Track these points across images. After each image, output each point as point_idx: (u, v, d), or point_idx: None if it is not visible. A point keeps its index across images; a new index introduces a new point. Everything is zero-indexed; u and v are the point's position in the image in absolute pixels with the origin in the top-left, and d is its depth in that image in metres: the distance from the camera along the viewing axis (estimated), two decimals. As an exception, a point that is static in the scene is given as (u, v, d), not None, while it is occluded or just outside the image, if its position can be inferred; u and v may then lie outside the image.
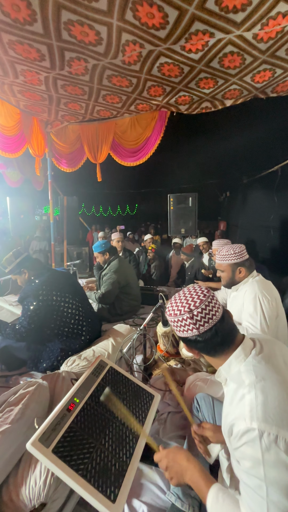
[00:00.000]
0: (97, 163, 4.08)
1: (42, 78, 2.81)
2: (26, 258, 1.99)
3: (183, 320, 0.81)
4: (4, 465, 0.95)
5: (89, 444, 0.94)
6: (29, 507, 0.90)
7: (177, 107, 3.45)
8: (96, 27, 2.07)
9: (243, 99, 3.22)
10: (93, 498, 0.81)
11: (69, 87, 2.99)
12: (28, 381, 1.25)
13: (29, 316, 1.80)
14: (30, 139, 3.76)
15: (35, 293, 1.82)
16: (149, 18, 1.97)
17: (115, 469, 0.91)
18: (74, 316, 1.92)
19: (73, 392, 1.08)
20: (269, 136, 4.86)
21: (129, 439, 1.04)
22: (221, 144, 5.58)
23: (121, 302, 2.81)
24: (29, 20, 2.02)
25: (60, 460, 0.85)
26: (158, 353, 1.93)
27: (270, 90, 3.00)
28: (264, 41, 2.17)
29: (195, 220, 4.14)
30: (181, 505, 0.96)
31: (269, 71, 2.62)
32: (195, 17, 1.94)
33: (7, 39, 2.22)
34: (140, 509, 1.01)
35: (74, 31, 2.12)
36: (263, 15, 1.91)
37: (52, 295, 1.84)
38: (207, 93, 3.08)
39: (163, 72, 2.67)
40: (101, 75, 2.73)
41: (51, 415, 0.96)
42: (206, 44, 2.23)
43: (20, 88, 3.06)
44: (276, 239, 5.55)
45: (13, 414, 1.06)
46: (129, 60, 2.48)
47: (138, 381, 1.31)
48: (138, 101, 3.31)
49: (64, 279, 2.02)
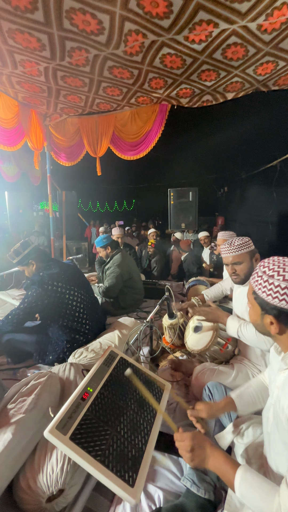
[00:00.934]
0: (97, 157, 4.04)
1: (42, 68, 2.75)
2: (34, 249, 1.98)
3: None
4: (20, 454, 0.96)
5: (105, 431, 0.95)
6: (48, 494, 0.91)
7: (178, 100, 3.43)
8: (98, 16, 2.03)
9: (244, 92, 3.21)
10: (112, 483, 0.82)
11: (69, 79, 2.94)
12: (39, 372, 1.26)
13: (29, 301, 1.78)
14: (29, 132, 3.70)
15: (41, 282, 1.82)
16: (153, 7, 1.93)
17: (132, 455, 0.92)
18: (80, 309, 1.92)
19: (87, 382, 1.08)
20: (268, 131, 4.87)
21: (143, 426, 1.05)
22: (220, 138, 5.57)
23: (124, 295, 2.83)
24: (30, 8, 1.97)
25: (78, 447, 0.86)
26: (164, 344, 1.95)
27: (272, 83, 2.99)
28: (268, 32, 2.16)
29: (196, 214, 4.14)
30: (197, 490, 0.98)
31: (272, 64, 2.60)
32: (200, 7, 1.91)
33: (7, 28, 2.17)
34: (155, 494, 1.03)
35: (76, 20, 2.08)
36: (268, 6, 1.89)
37: (58, 287, 1.84)
38: (209, 85, 3.06)
39: (165, 63, 2.64)
40: (102, 66, 2.69)
41: (67, 404, 0.97)
42: (210, 34, 2.21)
43: (18, 79, 3.00)
44: (275, 234, 5.59)
45: (26, 404, 1.07)
46: (131, 50, 2.44)
47: (149, 371, 1.33)
48: (139, 93, 3.28)
49: (71, 271, 2.01)
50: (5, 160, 5.92)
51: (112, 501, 1.01)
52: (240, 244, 1.55)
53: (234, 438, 1.04)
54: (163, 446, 1.19)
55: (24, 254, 1.94)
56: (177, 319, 1.89)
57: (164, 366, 1.81)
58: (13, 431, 0.96)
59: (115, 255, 2.88)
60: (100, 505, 0.98)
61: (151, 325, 1.79)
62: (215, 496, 1.00)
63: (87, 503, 0.99)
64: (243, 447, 1.00)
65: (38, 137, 3.87)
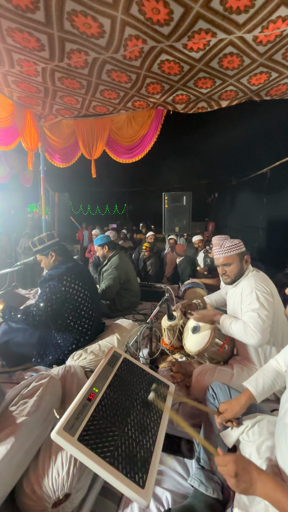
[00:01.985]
0: (92, 159, 4.04)
1: (40, 69, 2.74)
2: (57, 242, 2.01)
3: None
4: (23, 458, 0.92)
5: (113, 432, 0.93)
6: (53, 499, 0.87)
7: (174, 105, 3.49)
8: (99, 19, 2.05)
9: (238, 100, 3.32)
10: (122, 484, 0.80)
11: (67, 80, 2.94)
12: (39, 373, 1.22)
13: (49, 298, 1.77)
14: (23, 132, 3.65)
15: (61, 277, 1.81)
16: (154, 13, 1.98)
17: (141, 456, 0.90)
18: (87, 309, 1.91)
19: (92, 382, 1.06)
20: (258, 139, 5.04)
21: (151, 427, 1.03)
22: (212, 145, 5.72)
23: (121, 298, 2.80)
24: (31, 7, 1.97)
25: (87, 448, 0.83)
26: (163, 346, 1.94)
27: (265, 93, 3.11)
28: (263, 44, 2.25)
29: (189, 218, 4.20)
30: (205, 490, 0.97)
31: (265, 74, 2.71)
32: (200, 16, 1.97)
33: (6, 26, 2.15)
34: (163, 495, 1.01)
35: (77, 22, 2.09)
36: (264, 18, 1.98)
37: (74, 283, 1.85)
38: (204, 93, 3.14)
39: (163, 69, 2.70)
40: (100, 69, 2.71)
41: (73, 404, 0.94)
42: (207, 43, 2.28)
43: (15, 78, 2.97)
44: (265, 239, 5.75)
45: (28, 406, 1.03)
46: (130, 55, 2.48)
47: (152, 371, 1.31)
48: (136, 98, 3.32)
49: (84, 272, 2.03)
50: (-5, 160, 5.79)
51: (119, 505, 0.98)
52: (230, 246, 1.62)
53: (240, 436, 1.04)
54: (169, 447, 1.17)
55: (47, 244, 1.95)
56: (177, 321, 1.90)
57: (163, 368, 1.80)
58: (16, 434, 0.92)
59: (113, 257, 2.86)
60: (107, 509, 0.95)
61: (151, 327, 1.78)
62: (223, 495, 0.99)
63: (94, 507, 0.96)
64: (249, 445, 1.00)
65: (32, 138, 3.82)
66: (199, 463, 1.07)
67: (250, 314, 1.44)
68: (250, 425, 1.07)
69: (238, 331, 1.45)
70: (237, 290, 1.66)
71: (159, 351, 1.88)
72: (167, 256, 4.58)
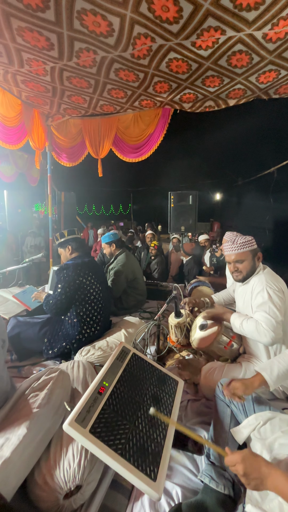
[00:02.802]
0: (99, 158, 4.06)
1: (48, 68, 2.76)
2: (76, 238, 2.19)
3: None
4: (35, 449, 0.92)
5: (124, 426, 0.93)
6: (65, 490, 0.87)
7: (181, 104, 3.49)
8: (109, 18, 2.06)
9: (246, 99, 3.30)
10: (135, 477, 0.80)
11: (75, 79, 2.96)
12: (49, 367, 1.22)
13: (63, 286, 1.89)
14: (31, 131, 3.69)
15: (75, 265, 1.95)
16: (164, 11, 1.98)
17: (152, 449, 0.90)
18: (97, 304, 1.98)
19: (102, 376, 1.06)
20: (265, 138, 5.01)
21: (161, 421, 1.03)
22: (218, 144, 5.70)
23: (128, 296, 2.81)
24: (41, 6, 1.99)
25: (99, 440, 0.84)
26: (170, 344, 1.93)
27: (273, 92, 3.08)
28: (273, 41, 2.24)
29: (195, 218, 4.19)
30: (216, 486, 0.97)
31: (274, 72, 2.69)
32: (209, 13, 1.97)
33: (16, 25, 2.17)
34: (173, 490, 1.01)
35: (86, 21, 2.10)
36: (274, 15, 1.96)
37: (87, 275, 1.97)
38: (212, 91, 3.13)
39: (171, 68, 2.70)
40: (108, 68, 2.72)
41: (84, 397, 0.94)
42: (216, 41, 2.27)
43: (24, 78, 3.00)
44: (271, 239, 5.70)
45: (39, 399, 1.03)
46: (138, 54, 2.49)
47: (162, 367, 1.31)
48: (143, 97, 3.32)
49: (98, 268, 2.14)
50: (3, 160, 5.86)
51: (129, 498, 0.98)
52: (242, 242, 1.58)
53: (251, 433, 1.03)
54: (178, 443, 1.17)
55: (67, 238, 2.14)
56: (184, 318, 1.89)
57: (171, 365, 1.80)
58: (28, 425, 0.93)
59: (120, 255, 2.87)
60: (117, 502, 0.95)
61: (159, 324, 1.78)
62: (234, 492, 0.99)
63: (104, 500, 0.96)
64: (261, 443, 0.99)
65: (40, 137, 3.86)
66: (209, 459, 1.06)
67: (262, 312, 1.43)
68: (262, 422, 1.06)
69: (250, 330, 1.43)
70: (247, 288, 1.64)
71: (166, 349, 1.87)
72: (172, 255, 4.58)
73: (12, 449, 0.87)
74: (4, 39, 2.31)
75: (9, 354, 1.88)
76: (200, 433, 1.23)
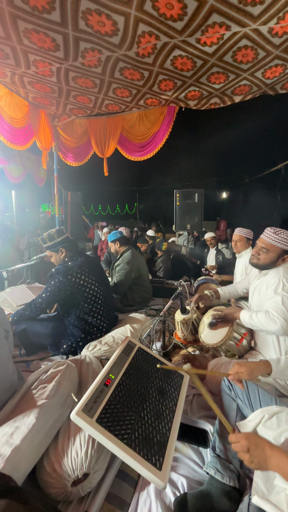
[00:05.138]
0: (104, 157, 4.09)
1: (54, 69, 2.80)
2: (67, 238, 2.05)
3: None
4: (44, 439, 0.95)
5: (130, 416, 0.95)
6: (73, 477, 0.90)
7: (186, 102, 3.48)
8: (113, 17, 2.08)
9: (252, 95, 3.27)
10: (140, 465, 0.82)
11: (81, 79, 2.99)
12: (56, 361, 1.25)
13: (52, 291, 1.84)
14: (38, 132, 3.75)
15: (66, 272, 1.87)
16: (168, 9, 1.98)
17: (157, 440, 0.92)
18: (97, 303, 1.96)
19: (108, 368, 1.08)
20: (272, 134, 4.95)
21: (166, 413, 1.05)
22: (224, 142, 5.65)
23: (133, 293, 2.84)
24: (47, 8, 2.02)
25: (105, 430, 0.86)
26: (176, 340, 1.94)
27: (280, 87, 3.05)
28: (279, 35, 2.21)
29: (201, 216, 4.18)
30: (221, 478, 0.97)
31: (281, 67, 2.66)
32: (214, 9, 1.96)
33: (23, 27, 2.22)
34: (178, 481, 1.02)
35: (91, 21, 2.13)
36: (280, 9, 1.94)
37: (81, 279, 1.90)
38: (217, 88, 3.11)
39: (176, 65, 2.70)
40: (113, 67, 2.74)
41: (91, 388, 0.97)
42: (221, 37, 2.26)
43: (30, 79, 3.05)
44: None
45: (47, 390, 1.06)
46: (143, 52, 2.50)
47: (167, 361, 1.33)
48: (148, 95, 3.33)
49: (95, 265, 2.07)
50: (10, 160, 5.96)
51: (135, 488, 1.00)
52: (283, 238, 1.57)
53: (256, 427, 1.03)
54: (183, 436, 1.18)
55: (57, 240, 2.00)
56: (190, 314, 1.90)
57: (177, 361, 1.80)
58: (37, 415, 0.96)
59: (125, 252, 2.90)
60: (123, 491, 0.97)
61: (165, 320, 1.79)
62: (239, 484, 0.99)
63: (111, 489, 0.98)
64: (266, 436, 0.99)
65: (46, 137, 3.92)
66: (215, 451, 1.07)
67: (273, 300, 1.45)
68: (267, 416, 1.06)
69: (259, 320, 1.44)
70: (264, 281, 1.65)
71: (172, 345, 1.88)
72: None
73: (21, 437, 0.90)
74: (11, 41, 2.35)
75: (18, 349, 1.93)
76: (205, 426, 1.24)
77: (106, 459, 1.01)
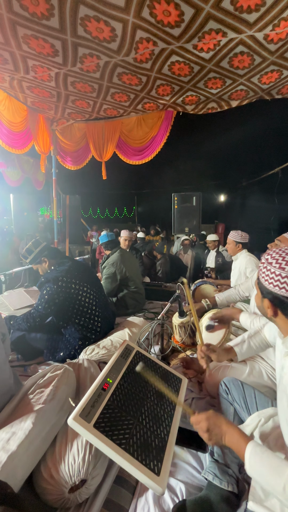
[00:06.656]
0: (103, 161, 4.11)
1: (53, 74, 2.83)
2: (45, 247, 2.01)
3: None
4: (41, 444, 0.94)
5: (128, 421, 0.94)
6: (70, 484, 0.89)
7: (184, 107, 3.52)
8: (112, 24, 2.11)
9: (248, 100, 3.31)
10: (138, 471, 0.81)
11: (79, 84, 3.02)
12: (54, 365, 1.25)
13: (46, 300, 1.81)
14: (36, 136, 3.77)
15: (55, 279, 1.83)
16: (165, 15, 2.01)
17: (155, 444, 0.91)
18: (91, 306, 1.92)
19: (106, 373, 1.08)
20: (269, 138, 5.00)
21: (164, 417, 1.04)
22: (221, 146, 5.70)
23: (124, 295, 2.86)
24: (46, 14, 2.04)
25: (103, 435, 0.85)
26: (174, 343, 1.94)
27: (276, 92, 3.09)
28: (274, 42, 2.25)
29: (199, 219, 4.20)
30: (219, 483, 0.97)
31: (276, 72, 2.70)
32: (210, 16, 1.99)
33: (22, 33, 2.24)
34: (177, 486, 1.01)
35: (89, 27, 2.15)
36: (275, 16, 1.98)
37: (71, 283, 1.86)
38: (214, 93, 3.15)
39: (173, 71, 2.73)
40: (112, 72, 2.77)
41: (88, 393, 0.96)
42: (218, 43, 2.30)
43: (29, 84, 3.07)
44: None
45: (45, 395, 1.06)
46: (141, 58, 2.53)
47: (165, 365, 1.32)
48: (146, 100, 3.37)
49: (84, 269, 2.03)
50: (9, 164, 5.98)
51: (134, 494, 0.99)
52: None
53: (253, 431, 1.03)
54: (181, 441, 1.17)
55: (36, 252, 1.97)
56: (188, 318, 1.90)
57: (175, 364, 1.80)
58: (34, 420, 0.95)
59: (112, 254, 2.92)
60: (122, 497, 0.96)
61: (163, 323, 1.79)
62: (238, 489, 0.98)
63: (109, 495, 0.97)
64: (262, 439, 0.99)
65: (45, 141, 3.94)
66: (213, 456, 1.06)
67: None
68: (263, 420, 1.05)
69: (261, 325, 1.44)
70: None
71: (170, 348, 1.88)
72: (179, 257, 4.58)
73: (18, 443, 0.89)
74: (10, 47, 2.38)
75: (15, 353, 1.91)
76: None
77: (104, 465, 1.00)
